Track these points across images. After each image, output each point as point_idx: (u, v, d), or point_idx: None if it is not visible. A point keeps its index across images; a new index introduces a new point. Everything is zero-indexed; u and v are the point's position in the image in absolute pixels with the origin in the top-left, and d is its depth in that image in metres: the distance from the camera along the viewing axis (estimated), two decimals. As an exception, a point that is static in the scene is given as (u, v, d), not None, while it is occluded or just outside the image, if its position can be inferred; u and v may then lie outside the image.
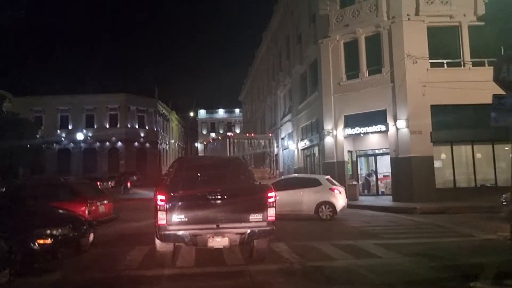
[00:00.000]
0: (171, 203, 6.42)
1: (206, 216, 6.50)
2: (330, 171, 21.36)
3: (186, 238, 6.40)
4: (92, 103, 54.59)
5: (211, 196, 6.55)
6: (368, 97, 20.03)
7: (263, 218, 6.60)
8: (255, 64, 46.44)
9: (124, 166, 53.43)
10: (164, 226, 6.37)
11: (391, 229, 11.07)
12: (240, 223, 6.59)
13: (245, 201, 6.72)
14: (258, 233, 6.60)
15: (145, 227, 10.85)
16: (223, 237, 6.54)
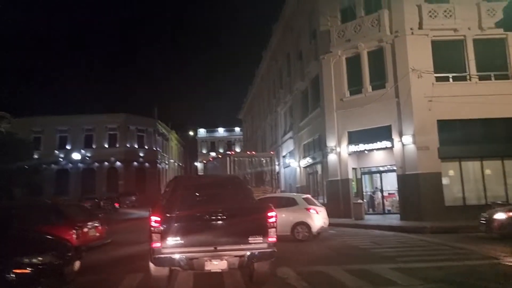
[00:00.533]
0: (166, 225, 6.08)
1: (203, 238, 6.16)
2: (334, 189, 20.77)
3: (182, 261, 6.06)
4: (91, 123, 54.23)
5: (208, 216, 6.22)
6: (372, 112, 19.48)
7: (264, 239, 6.27)
8: (255, 83, 46.20)
9: (123, 186, 52.67)
10: (158, 249, 6.03)
11: (404, 251, 10.32)
12: (239, 245, 6.24)
13: (245, 221, 6.38)
14: (258, 256, 6.27)
15: (139, 251, 10.16)
16: (221, 260, 6.20)
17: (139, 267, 8.51)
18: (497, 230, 11.85)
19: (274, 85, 35.63)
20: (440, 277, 7.20)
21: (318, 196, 24.64)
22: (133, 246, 11.67)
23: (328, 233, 15.30)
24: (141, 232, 15.78)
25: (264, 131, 41.79)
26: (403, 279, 6.84)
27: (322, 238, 13.63)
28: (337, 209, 20.39)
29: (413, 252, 10.21)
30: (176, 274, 7.09)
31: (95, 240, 9.16)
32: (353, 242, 12.24)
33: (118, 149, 54.24)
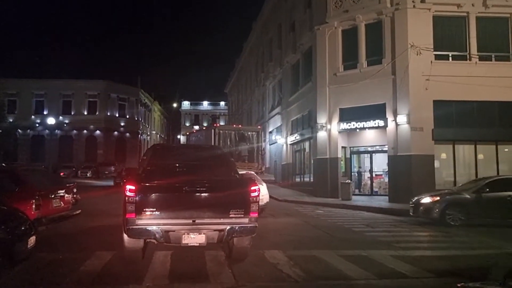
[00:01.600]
0: (142, 195, 5.72)
1: (181, 210, 5.85)
2: (322, 168, 20.03)
3: (158, 234, 5.74)
4: (70, 88, 52.02)
5: (187, 188, 5.91)
6: (367, 89, 18.57)
7: (245, 214, 5.99)
8: (243, 55, 44.65)
9: (103, 155, 51.13)
10: (132, 219, 5.68)
11: (399, 236, 9.61)
12: (219, 219, 5.94)
13: (226, 195, 6.07)
14: (238, 230, 5.99)
15: (112, 225, 9.17)
16: (200, 234, 5.89)
17: (110, 243, 7.57)
18: (423, 215, 11.97)
19: (263, 58, 34.30)
20: (445, 268, 6.44)
21: (304, 174, 23.95)
22: (106, 219, 10.69)
23: (315, 213, 14.59)
24: (117, 203, 15.03)
25: (250, 105, 40.64)
26: (411, 270, 6.03)
27: (308, 217, 12.90)
28: (324, 189, 19.71)
29: (410, 237, 9.50)
30: (150, 261, 6.40)
31: (60, 211, 8.07)
32: (344, 224, 11.50)
33: (98, 117, 52.38)
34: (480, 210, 11.28)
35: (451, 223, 11.24)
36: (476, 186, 11.90)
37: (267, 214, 13.27)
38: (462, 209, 11.37)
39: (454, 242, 9.02)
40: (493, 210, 11.26)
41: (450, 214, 11.38)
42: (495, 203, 11.31)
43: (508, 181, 12.28)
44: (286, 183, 25.81)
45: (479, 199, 11.34)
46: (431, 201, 11.92)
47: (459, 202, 11.54)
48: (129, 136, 54.89)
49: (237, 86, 50.58)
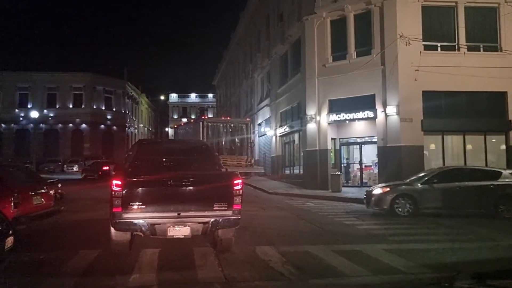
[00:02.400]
0: (128, 189, 5.92)
1: (166, 203, 6.07)
2: (312, 160, 19.92)
3: (144, 227, 5.96)
4: (54, 81, 51.01)
5: (173, 182, 6.11)
6: (356, 80, 18.43)
7: (229, 207, 6.22)
8: (231, 47, 44.15)
9: (89, 149, 50.35)
10: (119, 213, 5.90)
11: (391, 228, 9.52)
12: (204, 212, 6.19)
13: (210, 188, 6.27)
14: (222, 223, 6.22)
15: (97, 220, 8.90)
16: (185, 227, 6.11)
17: (94, 241, 7.32)
18: (374, 206, 12.08)
19: (251, 49, 33.93)
20: (441, 262, 6.35)
21: (294, 166, 23.83)
22: (90, 214, 10.41)
23: (306, 206, 14.47)
24: (97, 199, 14.46)
25: (238, 98, 40.30)
26: (406, 266, 5.91)
27: (299, 210, 12.78)
28: (314, 181, 19.61)
29: (402, 230, 9.41)
30: (136, 259, 6.27)
31: (42, 208, 7.75)
32: (335, 217, 11.38)
33: (83, 110, 51.53)
34: (429, 200, 11.52)
35: (400, 213, 11.44)
36: (426, 177, 12.07)
37: (258, 208, 13.12)
38: (411, 200, 11.53)
39: (443, 235, 8.94)
40: (442, 200, 11.54)
41: (399, 204, 11.55)
42: (444, 193, 11.59)
43: (456, 171, 12.56)
44: (275, 175, 25.69)
45: (428, 190, 11.57)
46: (381, 192, 12.06)
47: (407, 193, 11.65)
48: (116, 129, 54.16)
49: (225, 78, 50.12)
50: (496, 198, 11.31)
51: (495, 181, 11.68)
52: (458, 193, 11.53)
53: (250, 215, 11.33)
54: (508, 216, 11.05)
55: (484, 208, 11.40)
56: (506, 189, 11.52)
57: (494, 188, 11.47)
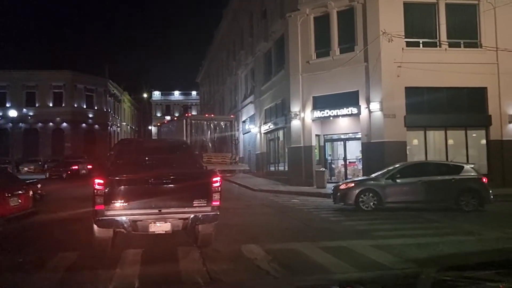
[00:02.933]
0: (110, 187, 6.13)
1: (147, 201, 6.26)
2: (296, 157, 19.93)
3: (126, 223, 6.15)
4: (33, 79, 49.82)
5: (153, 180, 6.34)
6: (340, 77, 18.49)
7: (208, 203, 6.46)
8: (215, 44, 43.85)
9: (70, 148, 49.41)
10: (101, 211, 6.09)
11: (376, 224, 9.57)
12: (184, 208, 6.41)
13: (189, 186, 6.54)
14: (202, 218, 6.46)
15: (77, 219, 8.69)
16: (165, 223, 6.32)
17: (74, 241, 7.14)
18: (340, 201, 12.24)
19: (235, 46, 33.75)
20: (430, 258, 6.37)
21: (279, 163, 23.82)
22: (70, 214, 10.17)
23: (292, 203, 14.46)
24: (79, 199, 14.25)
25: (222, 95, 40.09)
26: (391, 261, 5.92)
27: (284, 207, 12.76)
28: (298, 177, 19.62)
29: (386, 225, 9.46)
30: (119, 263, 6.12)
31: (19, 210, 7.52)
32: (321, 213, 11.41)
33: (64, 109, 50.48)
34: (392, 194, 11.80)
35: (364, 208, 11.67)
36: (390, 172, 12.30)
37: (243, 205, 13.04)
38: (375, 195, 11.76)
39: (431, 229, 9.03)
40: (405, 194, 11.87)
41: (363, 199, 11.78)
42: (407, 187, 11.93)
43: (420, 166, 12.93)
44: (260, 172, 25.65)
45: (392, 185, 11.83)
46: (346, 187, 12.30)
47: (371, 188, 11.89)
48: (98, 128, 53.28)
49: (209, 75, 49.80)
50: (457, 192, 11.66)
51: (457, 175, 11.99)
52: (421, 187, 11.81)
53: (236, 212, 11.26)
54: (468, 209, 11.46)
55: (446, 202, 11.77)
56: (467, 182, 11.95)
57: (455, 182, 11.84)
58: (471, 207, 11.57)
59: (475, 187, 11.89)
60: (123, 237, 6.87)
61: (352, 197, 11.85)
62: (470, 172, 12.22)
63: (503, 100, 17.68)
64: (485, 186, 11.96)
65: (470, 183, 11.95)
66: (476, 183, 12.00)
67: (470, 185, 11.90)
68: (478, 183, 12.01)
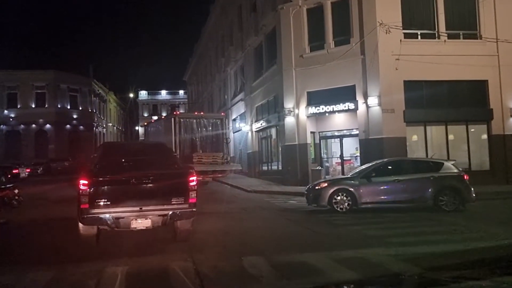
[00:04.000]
0: (94, 188, 6.53)
1: (129, 199, 6.70)
2: (291, 155, 19.09)
3: (109, 220, 6.53)
4: (14, 80, 48.08)
5: (134, 180, 6.74)
6: (335, 71, 17.70)
7: (185, 200, 6.86)
8: (202, 40, 42.76)
9: (54, 150, 47.84)
10: (86, 209, 6.47)
11: (388, 228, 8.75)
12: (163, 205, 6.82)
13: (167, 185, 6.95)
14: (179, 215, 6.88)
15: (55, 227, 7.75)
16: (146, 219, 6.72)
17: (50, 256, 6.20)
18: (313, 202, 11.57)
19: (223, 42, 32.75)
20: (453, 267, 5.53)
21: (272, 162, 22.93)
22: (48, 221, 9.15)
23: (289, 204, 13.61)
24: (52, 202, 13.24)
25: (211, 93, 39.05)
26: (418, 273, 5.04)
27: (282, 209, 11.90)
28: (294, 177, 18.78)
29: (399, 229, 8.63)
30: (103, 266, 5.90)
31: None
32: (324, 216, 10.52)
33: (47, 110, 48.83)
34: (367, 194, 11.09)
35: (338, 210, 10.99)
36: (364, 171, 11.66)
37: (240, 209, 12.15)
38: (349, 195, 11.05)
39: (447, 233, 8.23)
40: (380, 194, 11.21)
41: (337, 200, 11.10)
42: (383, 186, 11.28)
43: (395, 164, 12.12)
44: (252, 172, 24.75)
45: (367, 184, 11.15)
46: (319, 188, 11.56)
47: (345, 188, 11.17)
48: (83, 129, 51.72)
49: (197, 73, 48.67)
50: (436, 191, 10.89)
51: (436, 172, 11.22)
52: (397, 186, 11.09)
53: (232, 217, 10.39)
54: (448, 209, 10.71)
55: (425, 201, 10.98)
56: (447, 180, 11.18)
57: (434, 180, 11.04)
58: (452, 206, 10.72)
59: (455, 185, 11.05)
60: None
61: (325, 198, 11.11)
62: (450, 169, 11.39)
63: (505, 93, 17.06)
64: (467, 184, 11.06)
65: (450, 180, 11.14)
66: (457, 180, 11.15)
67: (450, 183, 11.09)
68: (459, 180, 11.14)
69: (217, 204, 13.50)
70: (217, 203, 14.07)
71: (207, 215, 10.08)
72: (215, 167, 18.09)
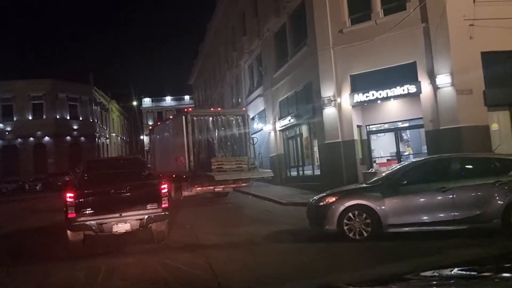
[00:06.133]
0: (79, 199, 7.66)
1: (110, 207, 7.79)
2: (333, 156, 15.28)
3: (94, 226, 7.61)
4: (9, 90, 44.88)
5: (113, 191, 7.93)
6: (387, 46, 13.92)
7: (158, 205, 8.01)
8: (208, 38, 39.18)
9: (54, 165, 44.37)
10: (73, 218, 7.55)
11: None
12: (139, 210, 7.92)
13: (142, 193, 8.12)
14: (154, 218, 7.99)
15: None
16: (125, 223, 7.85)
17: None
18: (315, 225, 8.19)
19: (234, 34, 29.07)
20: None
21: (304, 166, 19.05)
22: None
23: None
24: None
25: (221, 93, 35.34)
26: None
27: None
28: (337, 182, 14.68)
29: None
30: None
31: None
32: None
33: (45, 121, 45.57)
34: (397, 213, 7.44)
35: (351, 236, 7.46)
36: (393, 176, 8.02)
37: (283, 231, 8.51)
38: (369, 214, 7.45)
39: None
40: (418, 211, 7.47)
41: (351, 222, 7.53)
42: (420, 200, 7.59)
43: (436, 165, 8.35)
44: (278, 179, 20.86)
45: (396, 196, 7.54)
46: (324, 204, 7.95)
47: (364, 204, 7.55)
48: (84, 140, 48.27)
49: (204, 75, 45.04)
50: (506, 203, 7.04)
51: (504, 176, 7.38)
52: (443, 198, 7.34)
53: (282, 249, 6.75)
54: None
55: (486, 221, 7.11)
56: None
57: (501, 187, 7.22)
58: None
59: None
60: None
61: (333, 219, 7.56)
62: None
63: None
64: None
65: None
66: None
67: None
68: None
69: (251, 226, 9.84)
70: (250, 223, 10.41)
71: (244, 247, 7.66)
72: (240, 175, 14.31)
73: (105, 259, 7.11)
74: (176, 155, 15.92)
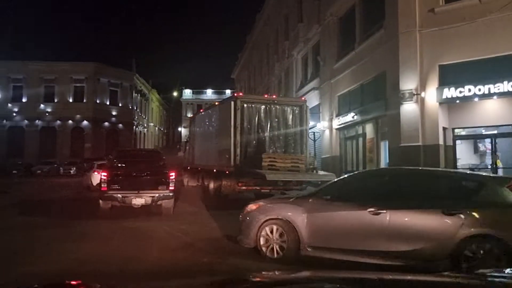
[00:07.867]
0: (110, 177, 10.49)
1: (131, 185, 10.47)
2: (409, 162, 12.37)
3: (119, 198, 10.31)
4: (52, 72, 44.57)
5: (135, 174, 10.82)
6: (493, 31, 11.06)
7: (167, 187, 10.64)
8: (257, 29, 36.98)
9: (91, 150, 43.64)
10: (105, 191, 10.40)
11: None
12: (152, 190, 10.51)
13: (156, 178, 10.74)
14: (163, 197, 10.61)
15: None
16: (141, 198, 10.37)
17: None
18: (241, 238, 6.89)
19: (288, 22, 26.63)
20: None
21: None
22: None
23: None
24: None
25: (267, 86, 32.99)
26: None
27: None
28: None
29: None
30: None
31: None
32: None
33: (85, 105, 45.01)
34: (320, 233, 6.10)
35: (267, 254, 6.33)
36: (317, 188, 7.00)
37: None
38: (289, 229, 6.21)
39: None
40: (347, 235, 5.92)
41: (266, 238, 6.39)
42: (344, 221, 5.99)
43: (371, 178, 7.03)
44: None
45: (319, 210, 6.18)
46: (245, 213, 6.96)
47: (282, 218, 6.33)
48: (121, 127, 47.40)
49: (248, 68, 42.91)
50: (462, 238, 5.16)
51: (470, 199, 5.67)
52: (380, 224, 5.61)
53: None
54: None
55: (429, 258, 5.26)
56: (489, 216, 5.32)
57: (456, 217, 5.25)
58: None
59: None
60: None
61: (250, 233, 6.55)
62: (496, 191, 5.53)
63: None
64: None
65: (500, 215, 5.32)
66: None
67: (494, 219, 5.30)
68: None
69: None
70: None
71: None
72: (296, 176, 11.84)
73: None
74: (219, 147, 13.69)
